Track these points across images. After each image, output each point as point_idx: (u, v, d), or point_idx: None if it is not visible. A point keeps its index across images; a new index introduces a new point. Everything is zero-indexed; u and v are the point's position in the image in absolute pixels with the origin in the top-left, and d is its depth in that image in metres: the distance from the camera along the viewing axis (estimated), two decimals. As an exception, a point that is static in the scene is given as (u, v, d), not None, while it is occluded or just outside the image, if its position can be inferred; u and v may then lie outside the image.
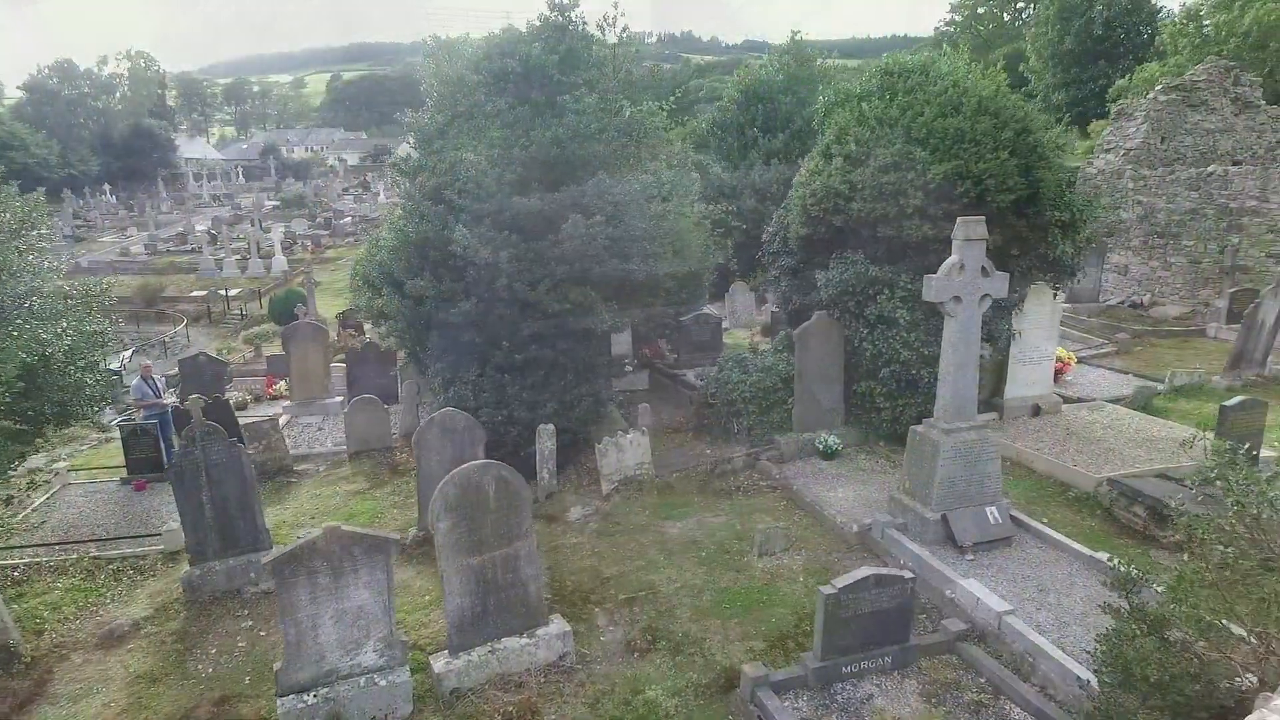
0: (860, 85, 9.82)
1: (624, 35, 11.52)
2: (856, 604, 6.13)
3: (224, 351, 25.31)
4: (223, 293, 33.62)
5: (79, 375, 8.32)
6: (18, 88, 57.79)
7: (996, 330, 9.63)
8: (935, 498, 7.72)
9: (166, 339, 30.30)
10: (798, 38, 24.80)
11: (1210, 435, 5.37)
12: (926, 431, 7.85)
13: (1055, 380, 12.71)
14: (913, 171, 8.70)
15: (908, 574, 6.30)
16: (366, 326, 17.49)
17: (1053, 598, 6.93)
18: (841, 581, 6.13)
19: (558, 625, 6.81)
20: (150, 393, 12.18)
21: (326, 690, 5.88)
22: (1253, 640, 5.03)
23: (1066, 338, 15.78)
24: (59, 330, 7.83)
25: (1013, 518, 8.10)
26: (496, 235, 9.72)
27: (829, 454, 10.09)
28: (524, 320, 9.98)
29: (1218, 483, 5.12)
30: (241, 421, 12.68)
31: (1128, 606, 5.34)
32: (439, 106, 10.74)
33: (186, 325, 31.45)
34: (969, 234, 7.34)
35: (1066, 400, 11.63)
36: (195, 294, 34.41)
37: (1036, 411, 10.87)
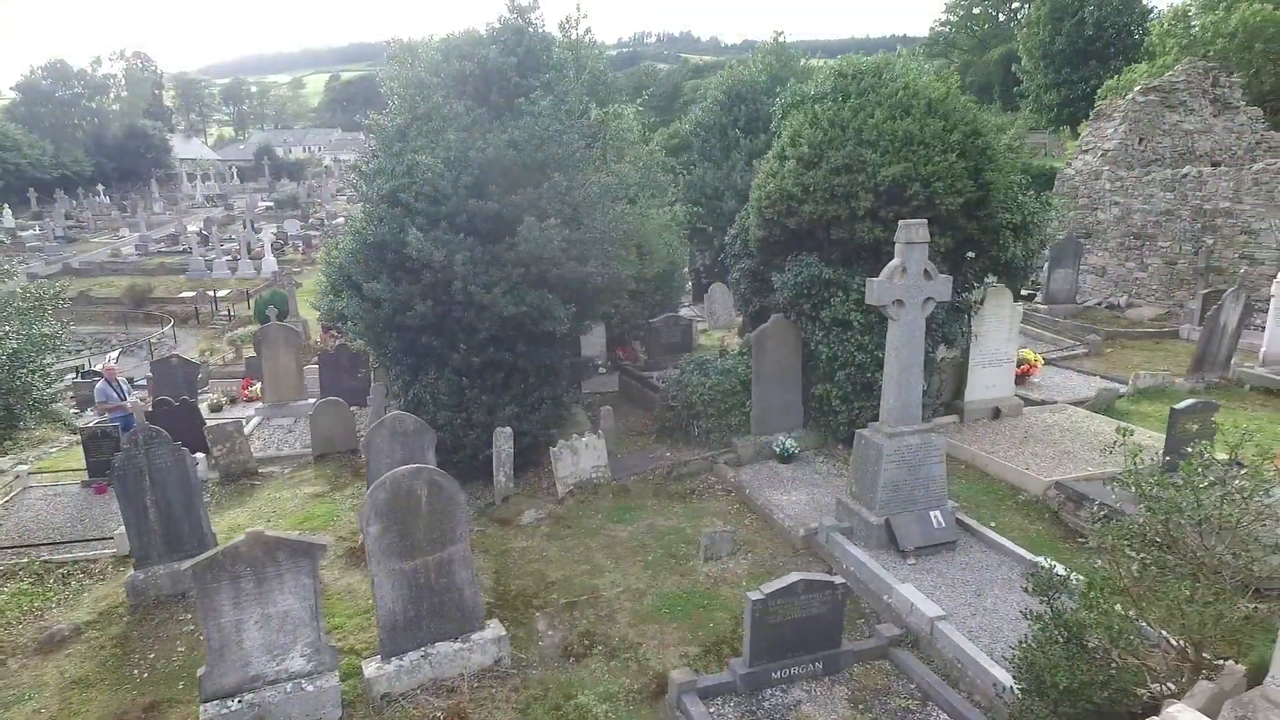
0: (815, 87, 9.82)
1: (587, 36, 11.48)
2: (785, 610, 6.11)
3: (207, 353, 25.35)
4: (211, 294, 33.64)
5: (27, 378, 8.33)
6: (10, 88, 57.89)
7: (952, 333, 9.61)
8: (879, 502, 7.71)
9: (153, 340, 30.36)
10: (780, 38, 24.75)
11: (1131, 437, 5.34)
12: (871, 435, 7.83)
13: (1022, 383, 12.72)
14: (863, 174, 8.69)
15: (838, 579, 6.28)
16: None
17: (989, 602, 6.91)
18: (770, 587, 6.11)
19: (493, 630, 6.80)
20: (114, 395, 12.17)
21: (252, 696, 5.86)
22: (1164, 647, 5.02)
23: (1039, 340, 15.79)
24: (2, 333, 7.82)
25: (960, 521, 8.09)
26: (452, 238, 9.71)
27: (786, 457, 10.07)
28: (481, 323, 9.97)
29: (1131, 488, 5.11)
30: (210, 423, 12.71)
31: (1050, 612, 5.34)
32: (399, 109, 10.72)
33: (174, 326, 31.50)
34: (910, 237, 7.32)
35: (1029, 403, 11.61)
36: (184, 295, 34.45)
37: (997, 414, 10.85)
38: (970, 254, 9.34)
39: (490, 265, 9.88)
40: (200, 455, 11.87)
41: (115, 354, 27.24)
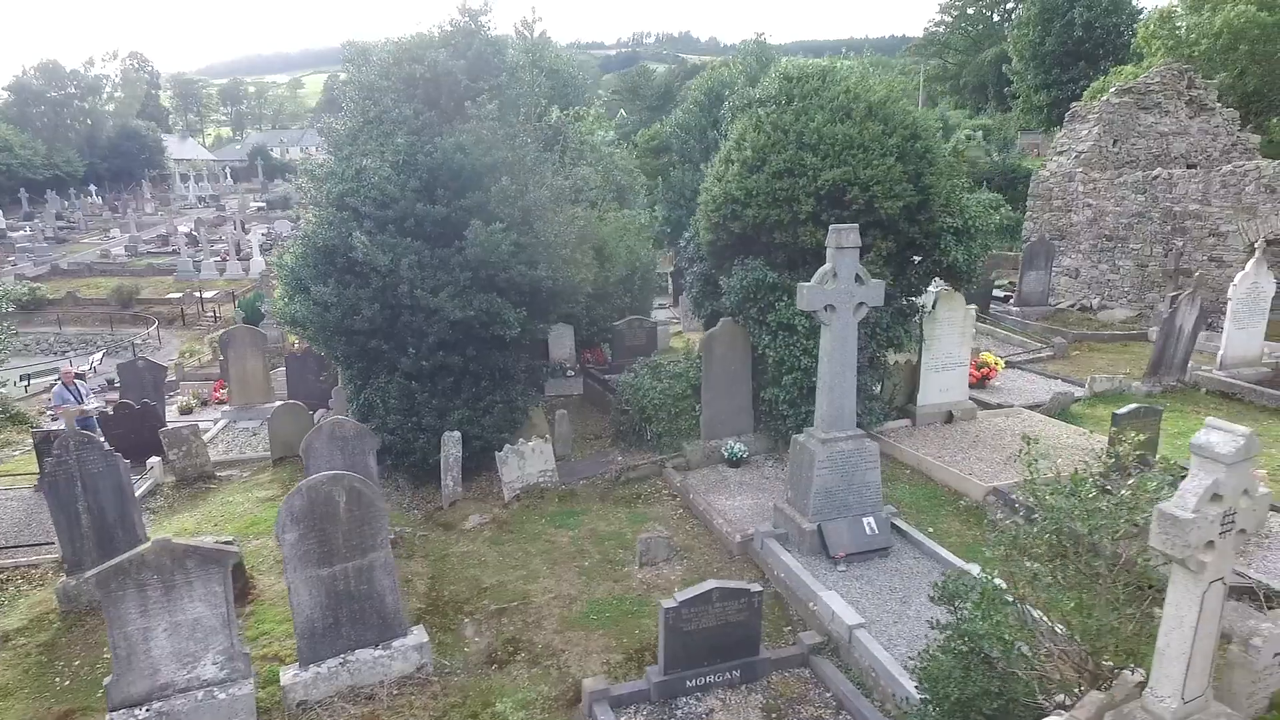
0: (760, 91, 9.79)
1: (542, 38, 11.45)
2: (700, 617, 6.10)
3: (187, 354, 25.37)
4: (198, 295, 33.66)
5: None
6: (3, 88, 57.86)
7: (897, 337, 9.57)
8: (812, 508, 7.68)
9: (138, 341, 30.37)
10: (761, 38, 24.73)
11: (1037, 444, 5.30)
12: (805, 441, 7.81)
13: (983, 386, 12.70)
14: (804, 178, 8.66)
15: (755, 587, 6.26)
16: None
17: (914, 609, 6.88)
18: (684, 595, 6.10)
19: (416, 636, 6.78)
20: (71, 399, 12.15)
21: (161, 705, 5.85)
22: (1058, 657, 4.99)
23: (1007, 342, 15.77)
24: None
25: (896, 527, 8.06)
26: (399, 242, 9.70)
27: (735, 461, 10.05)
28: (430, 327, 9.95)
29: (1031, 497, 5.08)
30: (173, 427, 12.68)
31: (954, 621, 5.31)
32: (350, 112, 10.71)
33: (158, 328, 31.52)
34: (841, 242, 7.29)
35: (986, 406, 11.58)
36: (171, 296, 34.45)
37: (950, 418, 10.82)
38: (917, 258, 9.30)
39: (438, 269, 9.87)
40: (156, 459, 11.95)
41: (99, 355, 27.33)
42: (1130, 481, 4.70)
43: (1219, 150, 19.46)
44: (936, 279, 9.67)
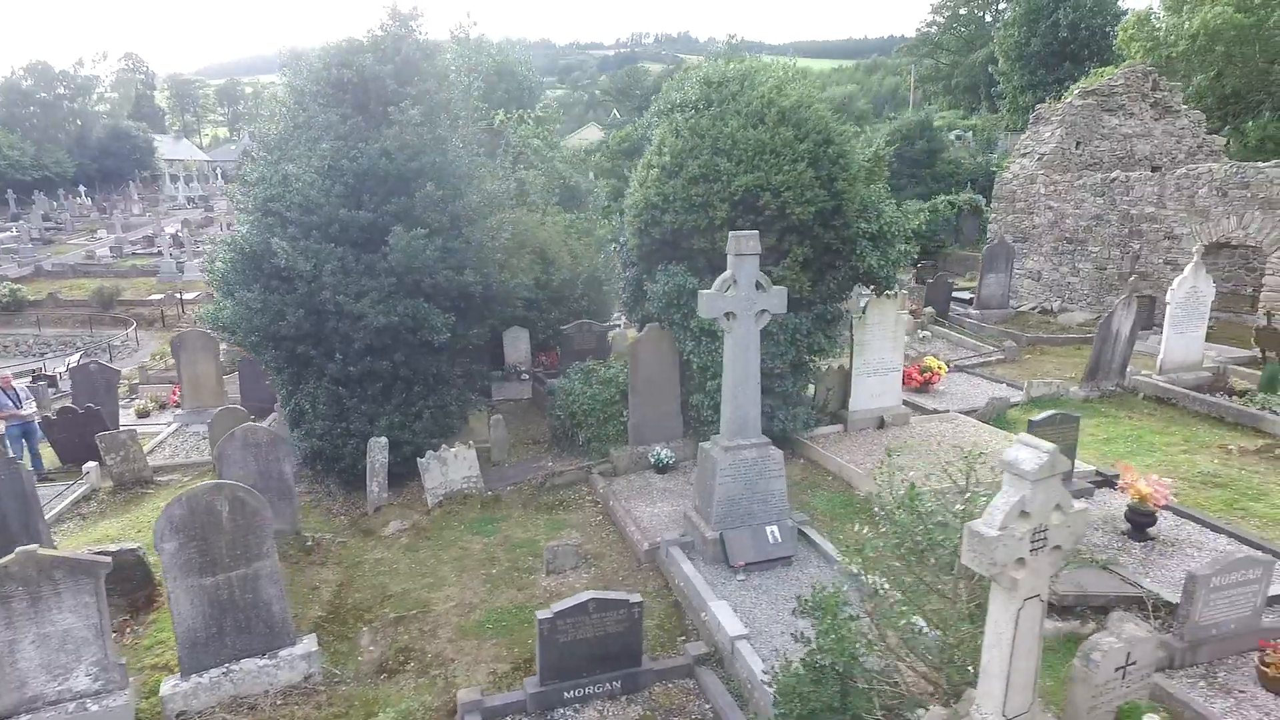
0: (681, 95, 9.75)
1: (479, 41, 11.42)
2: (577, 628, 6.07)
3: (158, 356, 25.39)
4: (179, 296, 33.68)
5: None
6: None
7: (817, 343, 9.52)
8: (715, 516, 7.65)
9: (116, 343, 30.40)
10: (734, 40, 24.74)
11: (891, 456, 5.27)
12: (710, 449, 7.78)
13: (925, 390, 12.66)
14: (719, 183, 8.62)
15: (634, 598, 6.23)
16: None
17: (805, 620, 6.83)
18: (559, 606, 6.07)
19: (305, 646, 6.75)
20: (9, 403, 12.15)
21: (29, 718, 5.82)
22: (905, 672, 4.96)
23: (961, 345, 15.72)
24: None
25: (805, 535, 8.03)
26: (321, 248, 9.68)
27: (662, 468, 10.02)
28: (356, 332, 9.93)
29: (879, 510, 5.05)
30: (110, 432, 12.66)
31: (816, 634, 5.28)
32: (282, 117, 10.69)
33: (136, 329, 31.56)
34: (740, 249, 7.25)
35: (924, 411, 11.53)
36: (153, 298, 34.48)
37: (882, 424, 10.77)
38: (838, 263, 9.26)
39: (363, 275, 9.85)
40: (93, 464, 11.95)
41: (75, 356, 27.36)
42: (966, 496, 4.66)
43: (1184, 153, 19.39)
44: (859, 284, 9.64)
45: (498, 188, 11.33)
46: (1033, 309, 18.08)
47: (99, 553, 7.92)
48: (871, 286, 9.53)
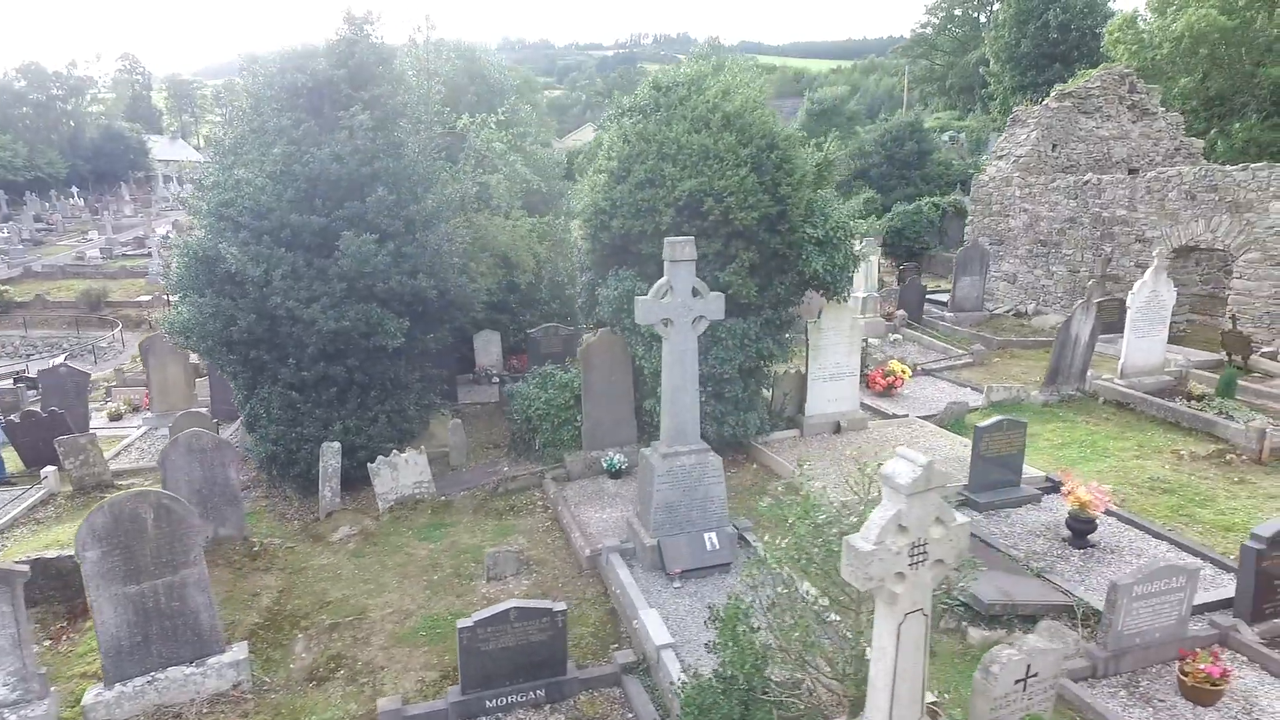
0: (630, 100, 9.72)
1: (437, 44, 11.40)
2: (499, 637, 6.05)
3: (136, 359, 25.34)
4: (166, 298, 33.64)
5: None
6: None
7: (766, 348, 9.48)
8: (653, 523, 7.63)
9: (102, 345, 30.39)
10: (715, 40, 24.68)
11: (802, 467, 5.25)
12: (649, 455, 7.75)
13: (888, 394, 12.63)
14: (663, 188, 8.60)
15: (558, 606, 6.20)
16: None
17: (739, 628, 6.80)
18: (480, 614, 6.06)
19: (234, 654, 6.73)
20: (-32, 407, 12.11)
21: (-55, 725, 5.81)
22: (809, 684, 4.94)
23: (931, 349, 15.69)
24: None
25: (747, 541, 8.00)
26: (272, 252, 9.66)
27: (615, 473, 9.99)
28: (309, 337, 9.91)
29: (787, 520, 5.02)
30: (70, 435, 12.63)
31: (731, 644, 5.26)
32: (238, 121, 10.67)
33: (123, 331, 31.56)
34: (675, 255, 7.23)
35: (883, 416, 11.51)
36: (140, 299, 34.48)
37: (838, 429, 10.74)
38: (786, 268, 9.23)
39: (315, 279, 9.83)
40: (52, 468, 11.92)
41: (60, 358, 27.34)
42: (861, 509, 4.64)
43: (1162, 155, 19.36)
44: (809, 289, 9.60)
45: (457, 191, 11.31)
46: (1007, 312, 18.05)
47: (36, 559, 7.96)
48: (820, 291, 9.50)
